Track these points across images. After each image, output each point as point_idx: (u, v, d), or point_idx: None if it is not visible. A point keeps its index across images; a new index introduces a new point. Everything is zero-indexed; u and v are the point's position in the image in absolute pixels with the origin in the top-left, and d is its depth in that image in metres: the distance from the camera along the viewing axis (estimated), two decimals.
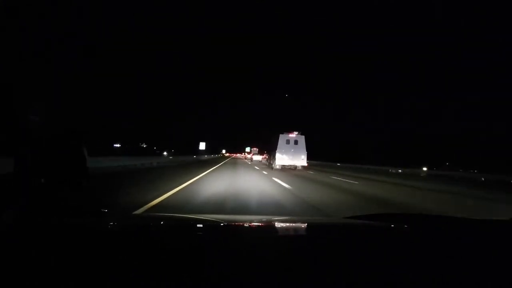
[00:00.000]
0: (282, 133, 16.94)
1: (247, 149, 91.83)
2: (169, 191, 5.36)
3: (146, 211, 3.82)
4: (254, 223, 1.41)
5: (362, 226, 1.33)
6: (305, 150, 16.77)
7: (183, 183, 6.77)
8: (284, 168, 16.15)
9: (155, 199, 4.51)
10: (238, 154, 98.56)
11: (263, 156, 41.11)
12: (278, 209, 4.25)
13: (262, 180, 8.83)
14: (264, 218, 1.69)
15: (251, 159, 39.59)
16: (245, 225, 1.35)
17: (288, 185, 7.46)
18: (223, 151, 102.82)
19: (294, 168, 16.31)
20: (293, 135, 17.07)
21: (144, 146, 65.01)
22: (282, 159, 16.10)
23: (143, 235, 0.97)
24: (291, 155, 16.36)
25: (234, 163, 26.17)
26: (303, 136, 17.24)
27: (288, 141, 16.72)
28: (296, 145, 16.68)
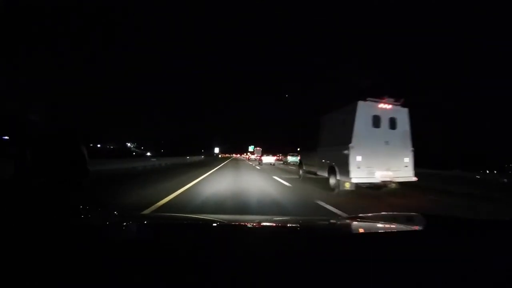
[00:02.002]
0: (365, 100, 7.13)
1: (250, 148, 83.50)
2: None
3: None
4: (256, 223, 1.41)
5: (363, 226, 1.33)
6: (410, 140, 7.27)
7: None
8: (359, 188, 7.04)
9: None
10: (238, 155, 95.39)
11: (277, 157, 32.86)
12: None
13: None
14: (266, 218, 1.70)
15: (259, 161, 29.71)
16: (248, 225, 1.36)
17: None
18: (216, 150, 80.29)
19: (382, 186, 7.08)
20: (388, 106, 7.24)
21: (132, 146, 63.66)
22: (366, 165, 6.73)
23: (152, 235, 0.98)
24: (385, 155, 6.93)
25: (236, 167, 18.97)
26: (406, 110, 7.38)
27: (377, 120, 7.11)
28: (393, 131, 7.18)
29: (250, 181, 10.25)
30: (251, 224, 1.39)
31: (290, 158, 30.69)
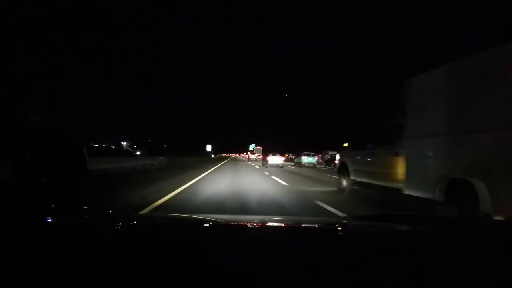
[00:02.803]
0: None
1: (251, 147, 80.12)
2: None
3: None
4: (256, 223, 1.41)
5: (364, 227, 1.32)
6: None
7: None
8: None
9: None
10: (237, 155, 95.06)
11: (285, 158, 26.73)
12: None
13: None
14: (266, 218, 1.70)
15: (264, 161, 22.39)
16: (248, 225, 1.35)
17: None
18: (208, 148, 61.53)
19: None
20: None
21: (126, 145, 61.87)
22: None
23: (150, 235, 0.97)
24: None
25: (234, 173, 13.42)
26: None
27: None
28: None
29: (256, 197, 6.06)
30: (251, 224, 1.38)
31: (305, 159, 24.16)
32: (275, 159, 21.24)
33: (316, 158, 24.22)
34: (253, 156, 50.83)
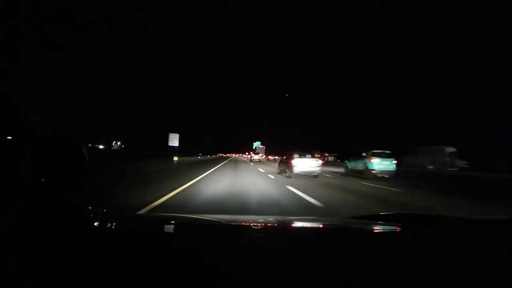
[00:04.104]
0: None
1: (255, 145, 70.60)
2: None
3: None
4: (256, 223, 1.41)
5: (364, 227, 1.32)
6: None
7: None
8: None
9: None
10: (237, 155, 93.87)
11: (322, 161, 14.75)
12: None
13: None
14: (266, 218, 1.70)
15: (284, 167, 12.28)
16: (247, 225, 1.35)
17: None
18: (173, 140, 21.47)
19: None
20: None
21: (116, 145, 59.03)
22: None
23: (147, 235, 0.97)
24: None
25: None
26: None
27: None
28: None
29: None
30: (251, 224, 1.38)
31: (377, 164, 12.54)
32: (305, 164, 11.51)
33: (394, 161, 13.10)
34: (256, 157, 42.58)
